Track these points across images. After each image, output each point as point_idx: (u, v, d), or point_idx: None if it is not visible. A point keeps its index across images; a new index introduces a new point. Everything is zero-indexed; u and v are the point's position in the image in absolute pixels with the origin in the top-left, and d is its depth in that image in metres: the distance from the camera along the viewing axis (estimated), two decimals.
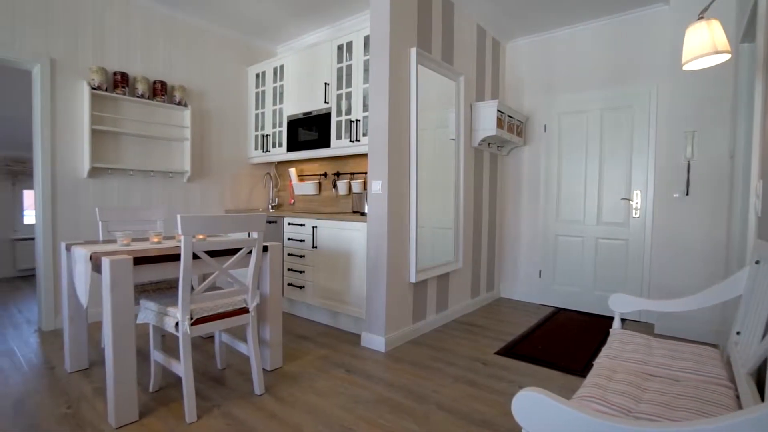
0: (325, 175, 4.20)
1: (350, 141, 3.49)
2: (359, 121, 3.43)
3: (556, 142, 4.08)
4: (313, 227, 3.36)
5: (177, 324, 1.91)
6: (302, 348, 2.91)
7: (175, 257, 2.02)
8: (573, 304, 4.03)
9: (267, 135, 4.32)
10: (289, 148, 4.04)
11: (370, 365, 2.63)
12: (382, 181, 2.84)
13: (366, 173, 3.81)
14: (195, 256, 1.96)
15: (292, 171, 4.38)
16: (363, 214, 3.40)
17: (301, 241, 3.48)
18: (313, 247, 3.37)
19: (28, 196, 5.74)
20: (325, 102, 3.68)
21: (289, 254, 3.59)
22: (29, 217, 5.75)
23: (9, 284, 5.05)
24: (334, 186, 4.06)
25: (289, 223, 3.57)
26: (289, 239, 3.58)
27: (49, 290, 3.26)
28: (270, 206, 4.69)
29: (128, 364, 1.89)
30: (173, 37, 3.93)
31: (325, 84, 3.67)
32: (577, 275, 3.99)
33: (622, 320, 3.65)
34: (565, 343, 3.07)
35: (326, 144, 3.69)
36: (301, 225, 3.47)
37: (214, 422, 1.94)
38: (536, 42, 4.17)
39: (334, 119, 3.64)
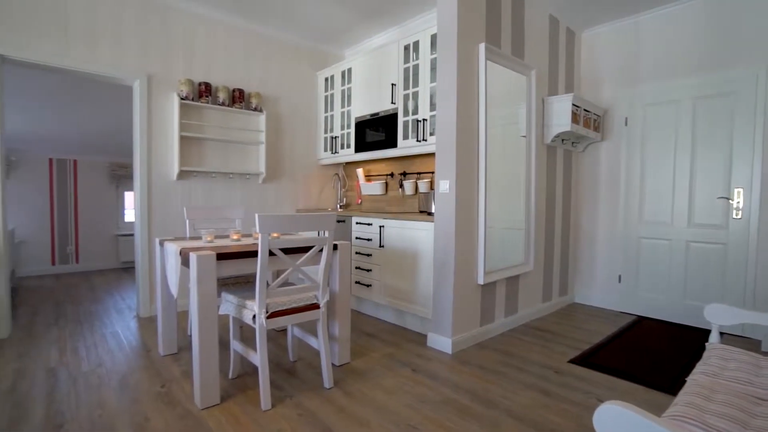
0: (392, 175, 4.24)
1: (417, 141, 3.48)
2: (426, 120, 3.41)
3: (639, 136, 3.76)
4: (380, 226, 3.41)
5: (254, 317, 2.03)
6: (369, 345, 2.96)
7: (253, 254, 2.15)
8: (658, 313, 3.68)
9: (336, 137, 4.46)
10: (357, 149, 4.13)
11: (436, 366, 2.61)
12: (449, 181, 2.81)
13: (433, 173, 3.79)
14: (271, 253, 2.07)
15: (360, 171, 4.47)
16: (430, 213, 3.38)
17: (368, 240, 3.54)
18: (380, 246, 3.42)
19: (129, 197, 6.45)
20: (392, 102, 3.71)
21: (356, 253, 3.67)
22: (129, 215, 6.47)
23: (114, 274, 5.71)
24: (401, 186, 4.08)
25: (357, 223, 3.65)
26: (356, 238, 3.66)
27: (146, 281, 3.64)
28: (338, 206, 4.83)
29: (211, 352, 2.05)
30: (251, 47, 4.20)
31: (392, 85, 3.70)
32: (663, 282, 3.64)
33: (720, 334, 3.27)
34: (648, 355, 2.82)
35: (393, 144, 3.72)
36: (368, 224, 3.54)
37: (287, 411, 2.03)
38: (617, 28, 3.87)
39: (401, 119, 3.66)
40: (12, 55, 2.99)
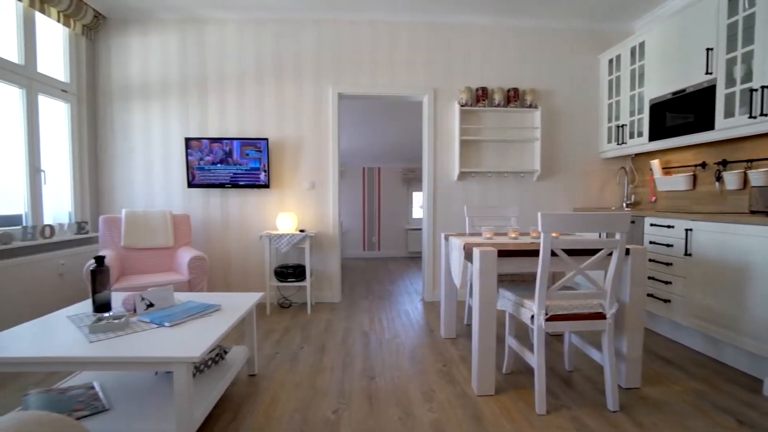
0: (703, 165, 3.35)
1: (749, 117, 2.62)
2: (765, 88, 2.52)
3: None
4: (686, 230, 2.75)
5: (532, 317, 2.00)
6: (666, 373, 2.44)
7: (533, 253, 2.11)
8: None
9: (623, 125, 3.88)
10: (652, 137, 3.46)
11: None
12: None
13: None
14: (552, 254, 1.98)
15: (655, 163, 3.74)
16: None
17: (667, 245, 2.92)
18: (686, 254, 2.75)
19: (416, 197, 7.56)
20: (708, 73, 2.92)
21: (650, 260, 3.09)
22: (416, 212, 7.57)
23: (403, 262, 6.81)
24: (718, 178, 3.17)
25: (652, 224, 3.07)
26: (650, 242, 3.08)
27: (430, 270, 4.16)
28: (624, 204, 4.20)
29: (489, 343, 2.14)
30: (522, 44, 4.16)
31: (707, 50, 2.92)
32: None
33: None
34: None
35: (707, 126, 2.93)
36: (668, 227, 2.91)
37: (563, 422, 1.90)
38: None
39: (721, 92, 2.84)
40: (346, 92, 4.01)
